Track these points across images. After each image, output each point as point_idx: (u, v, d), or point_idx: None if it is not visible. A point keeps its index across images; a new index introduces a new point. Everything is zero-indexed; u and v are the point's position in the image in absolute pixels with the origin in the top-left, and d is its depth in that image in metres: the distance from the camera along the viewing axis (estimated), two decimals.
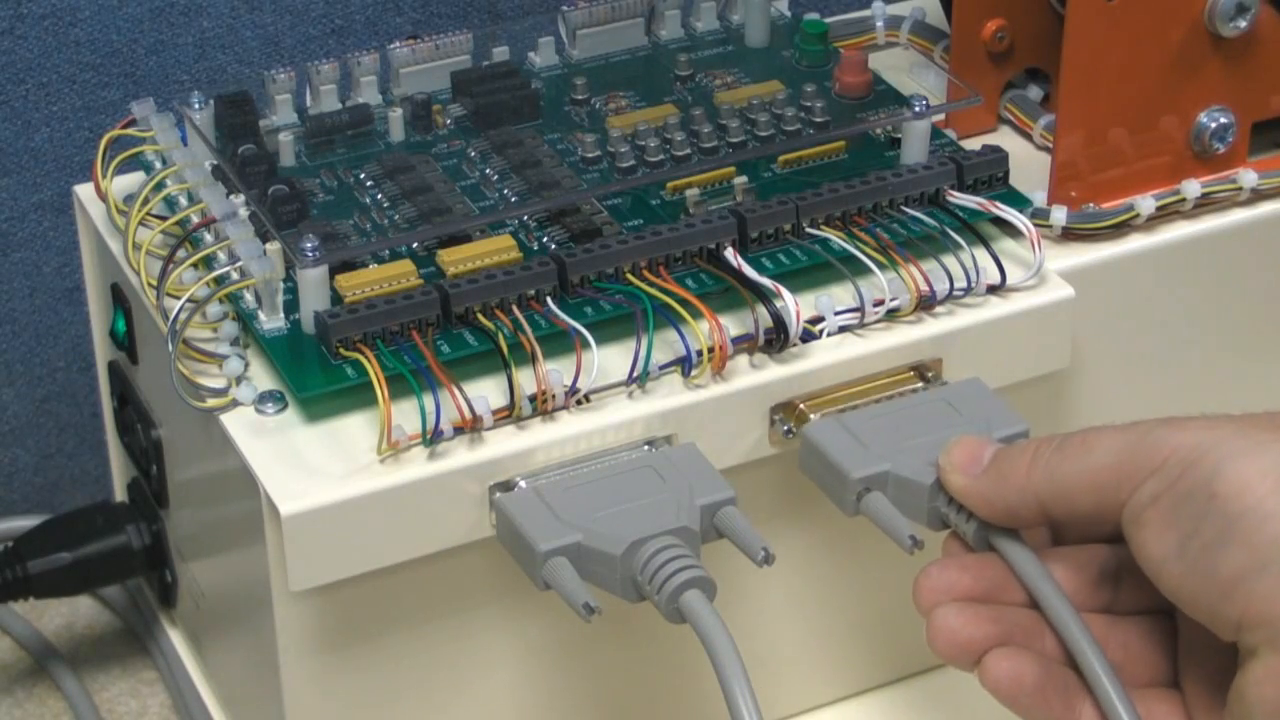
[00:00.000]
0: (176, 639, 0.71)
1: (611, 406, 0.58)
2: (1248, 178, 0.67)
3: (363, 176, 0.65)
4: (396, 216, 0.63)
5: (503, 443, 0.57)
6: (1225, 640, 0.49)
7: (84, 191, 0.68)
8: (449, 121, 0.68)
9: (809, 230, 0.62)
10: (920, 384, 0.61)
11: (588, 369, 0.58)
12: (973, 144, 0.67)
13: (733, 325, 0.60)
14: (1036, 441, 0.53)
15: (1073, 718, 0.52)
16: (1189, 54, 0.65)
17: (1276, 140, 0.70)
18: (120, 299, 0.66)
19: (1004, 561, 0.53)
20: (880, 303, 0.61)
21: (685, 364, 0.59)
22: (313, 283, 0.58)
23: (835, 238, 0.62)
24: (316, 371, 0.58)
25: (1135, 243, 0.66)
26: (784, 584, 0.65)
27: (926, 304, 0.62)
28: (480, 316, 0.59)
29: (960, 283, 0.62)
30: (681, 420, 0.59)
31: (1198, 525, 0.48)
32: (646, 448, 0.58)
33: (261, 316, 0.60)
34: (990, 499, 0.53)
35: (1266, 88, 0.67)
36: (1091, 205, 0.66)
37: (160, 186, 0.63)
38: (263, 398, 0.59)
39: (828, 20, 0.72)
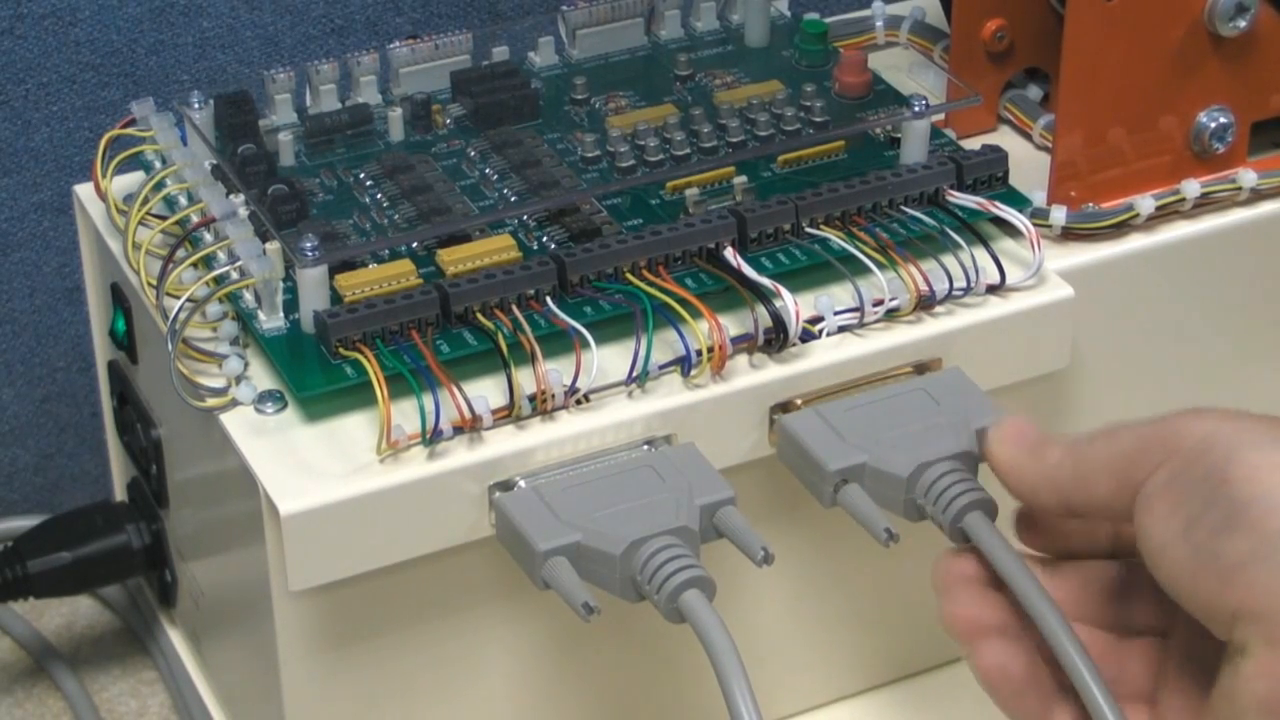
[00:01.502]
0: (176, 639, 0.71)
1: (611, 406, 0.58)
2: (1247, 177, 0.66)
3: (362, 176, 0.65)
4: (396, 216, 0.63)
5: (502, 442, 0.57)
6: (1218, 635, 0.49)
7: (84, 191, 0.68)
8: (449, 121, 0.68)
9: (808, 230, 0.62)
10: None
11: (587, 369, 0.58)
12: (972, 144, 0.67)
13: (732, 325, 0.60)
14: (1074, 434, 0.54)
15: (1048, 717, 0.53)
16: (1188, 54, 0.65)
17: (1276, 140, 0.69)
18: (120, 299, 0.66)
19: (980, 550, 0.54)
20: (880, 302, 0.61)
21: (685, 364, 0.59)
22: (312, 282, 0.58)
23: (835, 237, 0.62)
24: (316, 371, 0.58)
25: (1135, 242, 0.66)
26: (784, 584, 0.65)
27: (926, 304, 0.62)
28: (480, 316, 0.59)
29: (960, 282, 0.62)
30: (681, 420, 0.59)
31: (1205, 510, 0.48)
32: (646, 447, 0.58)
33: (261, 316, 0.60)
34: (1022, 475, 0.54)
35: (1266, 87, 0.67)
36: (1091, 205, 0.66)
37: (160, 186, 0.63)
38: (262, 397, 0.59)
39: (827, 20, 0.72)
